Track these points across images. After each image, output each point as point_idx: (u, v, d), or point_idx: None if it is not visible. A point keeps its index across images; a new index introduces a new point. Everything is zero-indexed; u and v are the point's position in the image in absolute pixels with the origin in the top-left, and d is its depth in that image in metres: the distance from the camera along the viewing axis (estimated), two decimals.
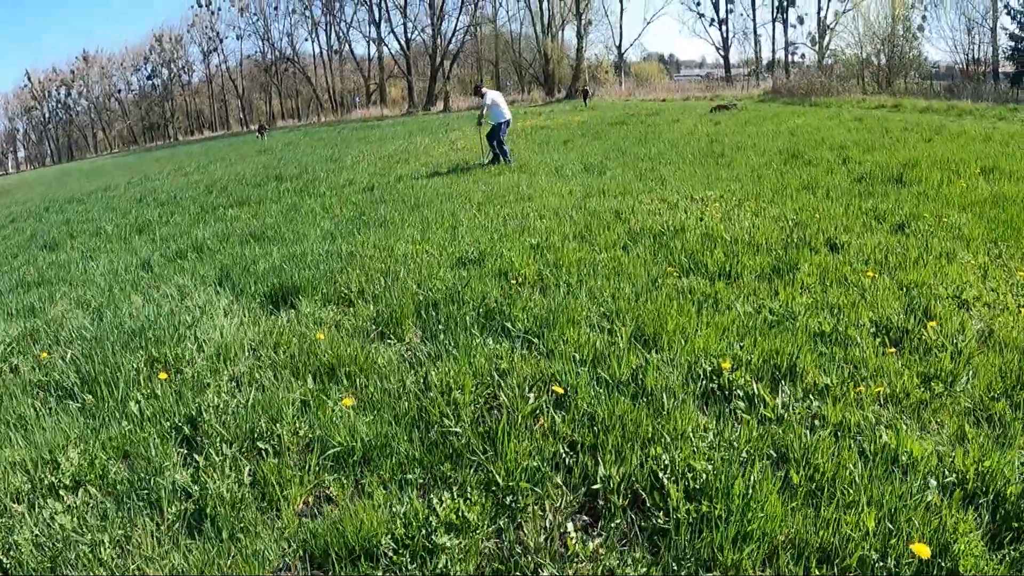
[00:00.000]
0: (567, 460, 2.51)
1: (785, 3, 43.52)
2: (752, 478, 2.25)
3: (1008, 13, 31.54)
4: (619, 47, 47.94)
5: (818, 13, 42.41)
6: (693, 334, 3.38)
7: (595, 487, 2.36)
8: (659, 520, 2.19)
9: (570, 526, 2.22)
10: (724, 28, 46.62)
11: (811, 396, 2.85)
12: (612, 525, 2.20)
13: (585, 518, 2.30)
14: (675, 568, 2.02)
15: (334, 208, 8.50)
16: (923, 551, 1.95)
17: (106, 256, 7.39)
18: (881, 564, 1.98)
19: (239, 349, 3.85)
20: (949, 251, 4.78)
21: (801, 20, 45.06)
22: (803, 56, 44.75)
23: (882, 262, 4.59)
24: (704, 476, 2.27)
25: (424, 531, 2.18)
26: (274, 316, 4.47)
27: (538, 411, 2.76)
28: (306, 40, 77.33)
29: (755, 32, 45.72)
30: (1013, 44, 31.46)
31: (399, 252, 5.56)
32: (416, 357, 3.47)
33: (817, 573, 1.97)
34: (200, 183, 14.16)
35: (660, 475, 2.31)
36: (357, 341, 3.72)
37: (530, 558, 2.08)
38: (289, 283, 4.90)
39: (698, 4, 47.98)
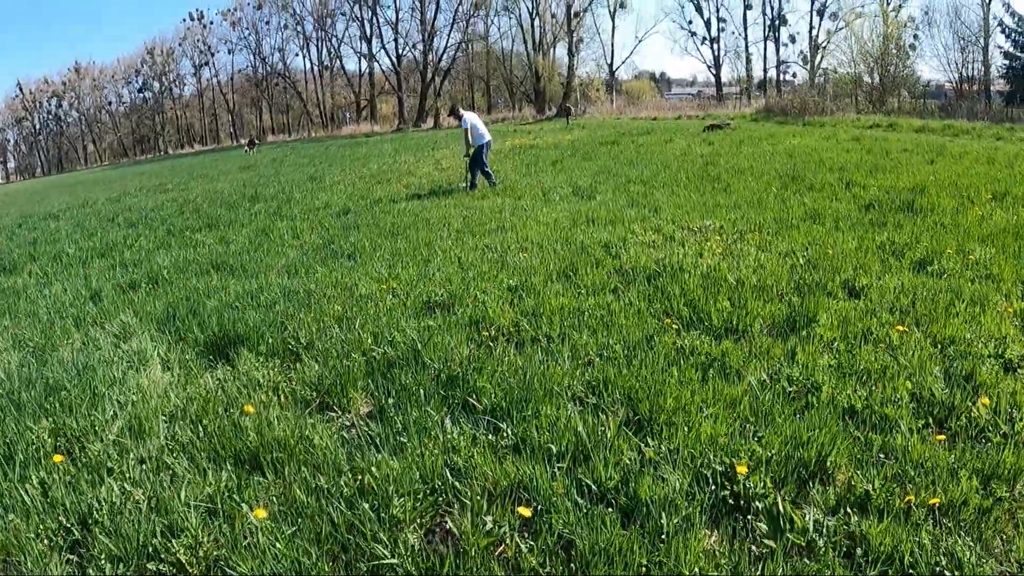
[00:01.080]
0: None
1: (777, 22, 43.42)
2: None
3: (1002, 31, 31.37)
4: (610, 65, 47.53)
5: (810, 32, 42.02)
6: (697, 414, 2.76)
7: None
8: None
9: None
10: (716, 46, 46.33)
11: (847, 507, 2.25)
12: None
13: None
14: None
15: (304, 234, 7.91)
16: None
17: (59, 284, 6.87)
18: None
19: (155, 420, 3.24)
20: (981, 296, 4.23)
21: (793, 39, 44.83)
22: (795, 75, 44.61)
23: (909, 310, 4.01)
24: None
25: None
26: (210, 371, 3.88)
27: (500, 539, 2.14)
28: (297, 55, 77.25)
29: (747, 51, 45.28)
30: (1007, 63, 31.29)
31: (361, 291, 4.95)
32: (358, 440, 2.85)
33: None
34: (176, 201, 13.58)
35: None
36: (292, 414, 3.10)
37: None
38: (233, 331, 4.29)
39: (690, 23, 47.79)
